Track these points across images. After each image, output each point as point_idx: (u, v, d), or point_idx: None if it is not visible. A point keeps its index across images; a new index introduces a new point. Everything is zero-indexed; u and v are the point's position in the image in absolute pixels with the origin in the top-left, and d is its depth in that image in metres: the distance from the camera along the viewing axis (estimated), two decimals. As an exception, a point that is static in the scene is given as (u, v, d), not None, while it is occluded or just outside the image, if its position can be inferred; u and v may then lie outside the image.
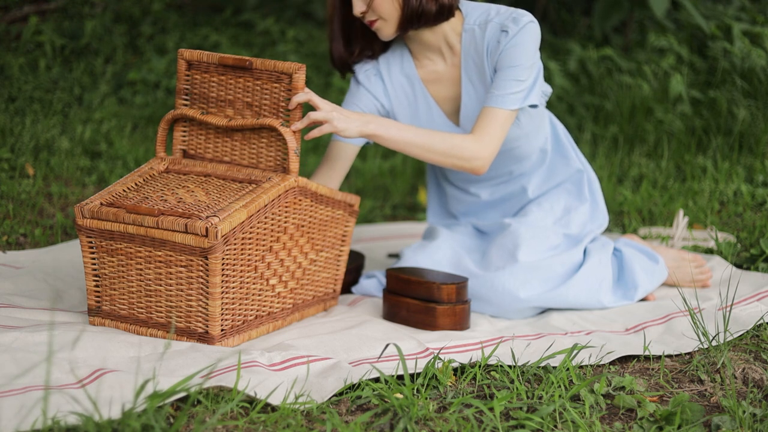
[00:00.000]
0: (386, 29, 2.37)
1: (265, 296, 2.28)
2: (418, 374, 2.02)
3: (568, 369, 2.03)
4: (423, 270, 2.46)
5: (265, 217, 2.21)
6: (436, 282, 2.35)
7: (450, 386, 2.00)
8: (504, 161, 2.57)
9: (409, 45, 2.49)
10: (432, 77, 2.50)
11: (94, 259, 2.23)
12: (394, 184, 3.70)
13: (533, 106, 2.45)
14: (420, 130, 2.36)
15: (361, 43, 2.49)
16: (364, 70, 2.51)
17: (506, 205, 2.67)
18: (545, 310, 2.50)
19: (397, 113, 2.52)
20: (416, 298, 2.37)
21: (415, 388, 1.95)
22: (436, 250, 2.56)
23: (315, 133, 2.25)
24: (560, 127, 2.67)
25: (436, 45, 2.45)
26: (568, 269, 2.49)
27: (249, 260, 2.20)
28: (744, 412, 1.88)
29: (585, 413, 1.88)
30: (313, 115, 2.24)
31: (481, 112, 2.39)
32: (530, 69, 2.38)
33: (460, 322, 2.36)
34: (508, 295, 2.43)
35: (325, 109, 2.25)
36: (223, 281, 2.14)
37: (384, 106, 2.52)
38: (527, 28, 2.37)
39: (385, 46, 2.52)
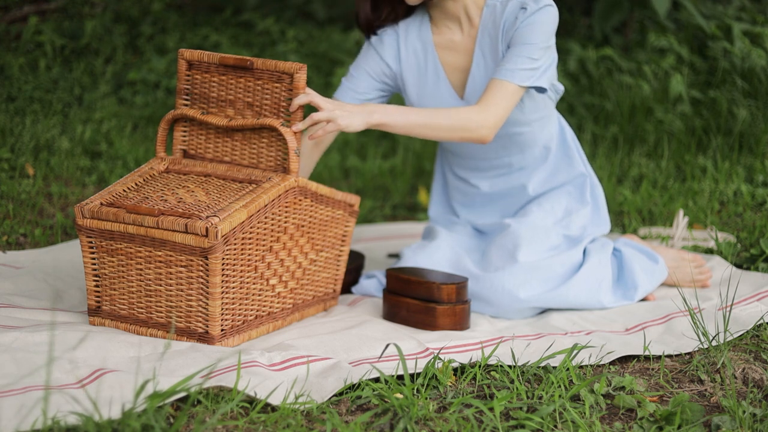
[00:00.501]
0: None
1: (265, 296, 2.28)
2: (418, 374, 2.02)
3: (568, 369, 2.03)
4: (423, 270, 2.46)
5: (265, 217, 2.21)
6: (436, 282, 2.35)
7: (450, 386, 2.00)
8: (504, 147, 2.58)
9: (430, 12, 2.53)
10: (446, 45, 2.53)
11: (94, 259, 2.23)
12: (394, 184, 3.70)
13: (541, 90, 2.44)
14: (423, 111, 2.35)
15: (388, 7, 2.53)
16: (380, 32, 2.55)
17: (506, 202, 2.67)
18: (545, 310, 2.50)
19: (406, 78, 2.54)
20: (416, 298, 2.37)
21: (415, 388, 1.95)
22: (435, 250, 2.56)
23: (320, 133, 2.25)
24: (569, 131, 2.68)
25: (456, 15, 2.48)
26: (568, 269, 2.50)
27: (249, 260, 2.20)
28: (744, 412, 1.88)
29: (585, 413, 1.88)
30: (315, 116, 2.24)
31: (489, 83, 2.40)
32: (544, 51, 2.40)
33: (460, 322, 2.36)
34: (508, 295, 2.43)
35: (327, 108, 2.25)
36: (223, 281, 2.14)
37: (391, 68, 2.54)
38: (546, 9, 2.39)
39: (408, 11, 2.55)
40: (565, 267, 2.49)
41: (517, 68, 2.37)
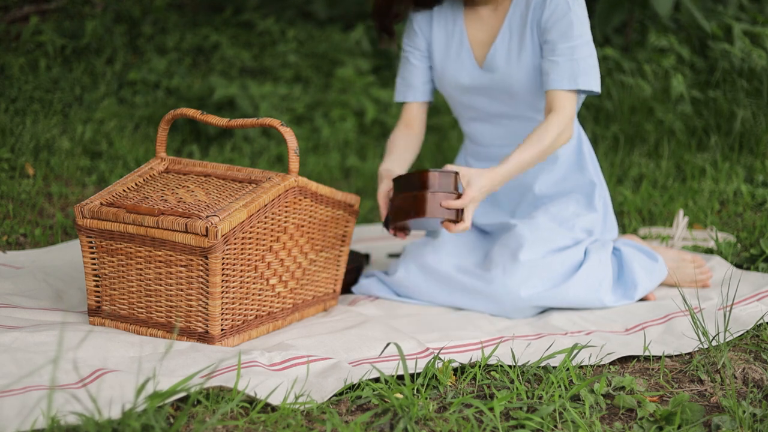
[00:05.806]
0: None
1: (265, 296, 2.28)
2: (418, 374, 2.02)
3: (568, 369, 2.03)
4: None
5: (265, 217, 2.21)
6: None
7: (450, 386, 2.00)
8: (517, 135, 2.65)
9: None
10: (474, 18, 2.63)
11: (94, 259, 2.23)
12: (395, 184, 3.69)
13: (595, 94, 2.59)
14: (524, 152, 2.42)
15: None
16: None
17: (511, 198, 2.69)
18: (545, 310, 2.51)
19: (434, 45, 2.67)
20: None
21: (415, 388, 1.95)
22: (439, 247, 2.57)
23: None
24: (585, 141, 2.72)
25: None
26: (569, 268, 2.50)
27: (249, 260, 2.20)
28: (744, 412, 1.88)
29: (585, 413, 1.88)
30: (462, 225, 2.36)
31: (550, 94, 2.48)
32: (586, 45, 2.49)
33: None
34: (509, 293, 2.43)
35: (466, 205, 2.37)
36: (223, 281, 2.14)
37: (426, 38, 2.68)
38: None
39: None
40: (565, 266, 2.49)
41: (573, 74, 2.46)
